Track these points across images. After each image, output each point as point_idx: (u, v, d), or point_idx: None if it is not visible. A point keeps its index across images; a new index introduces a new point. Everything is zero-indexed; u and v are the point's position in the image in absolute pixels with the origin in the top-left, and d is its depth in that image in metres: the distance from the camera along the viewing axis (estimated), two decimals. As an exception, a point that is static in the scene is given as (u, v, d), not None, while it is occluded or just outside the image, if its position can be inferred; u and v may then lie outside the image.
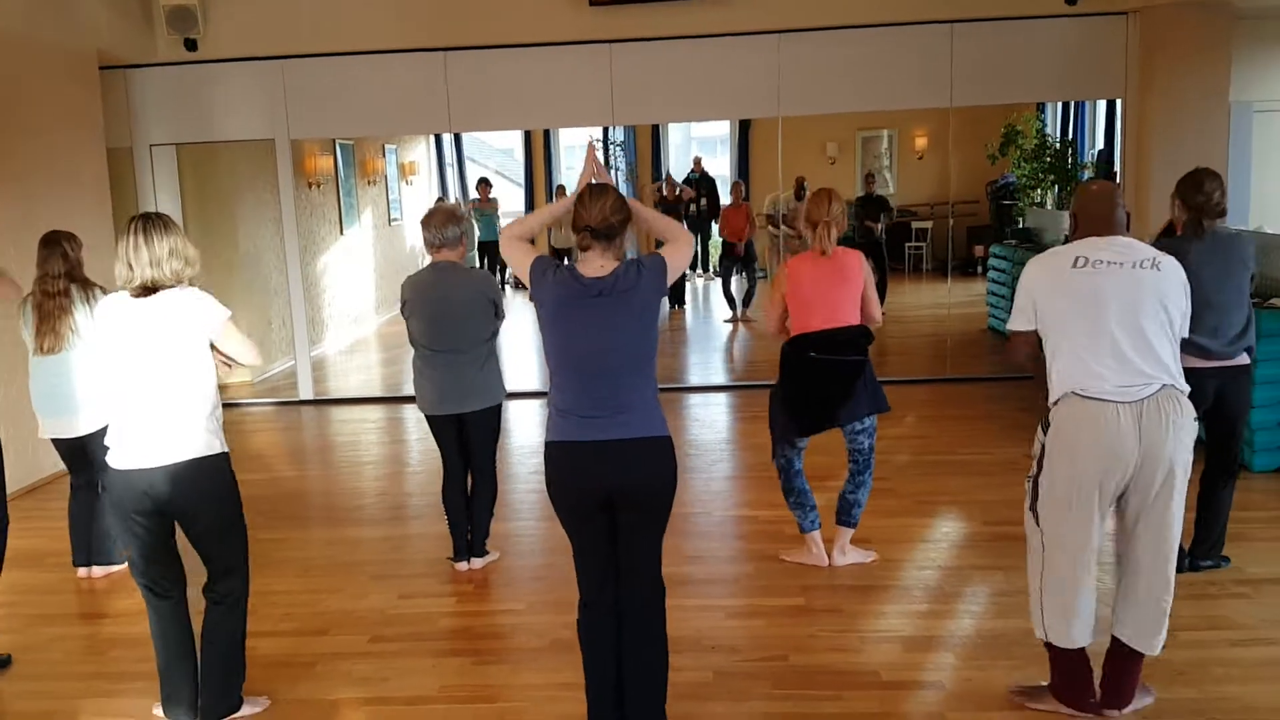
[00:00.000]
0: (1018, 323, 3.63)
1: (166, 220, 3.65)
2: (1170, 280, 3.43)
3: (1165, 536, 3.45)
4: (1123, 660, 3.57)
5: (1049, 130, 11.78)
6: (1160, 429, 3.33)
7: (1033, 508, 3.57)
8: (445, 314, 4.99)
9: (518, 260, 3.40)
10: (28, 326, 5.03)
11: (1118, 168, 9.14)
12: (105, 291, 4.58)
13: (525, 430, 8.32)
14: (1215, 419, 4.75)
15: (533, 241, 3.56)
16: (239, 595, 3.80)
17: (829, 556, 5.07)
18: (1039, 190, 11.73)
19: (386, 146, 13.59)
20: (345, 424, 8.84)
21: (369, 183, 13.17)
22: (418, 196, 14.31)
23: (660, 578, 3.48)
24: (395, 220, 14.09)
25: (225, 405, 9.48)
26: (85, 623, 4.89)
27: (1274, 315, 6.17)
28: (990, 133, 11.34)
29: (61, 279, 5.02)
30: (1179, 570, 4.30)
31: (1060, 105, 11.64)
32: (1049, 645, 3.61)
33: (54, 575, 5.46)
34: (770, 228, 11.88)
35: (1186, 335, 3.50)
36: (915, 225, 12.49)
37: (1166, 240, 4.72)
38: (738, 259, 12.01)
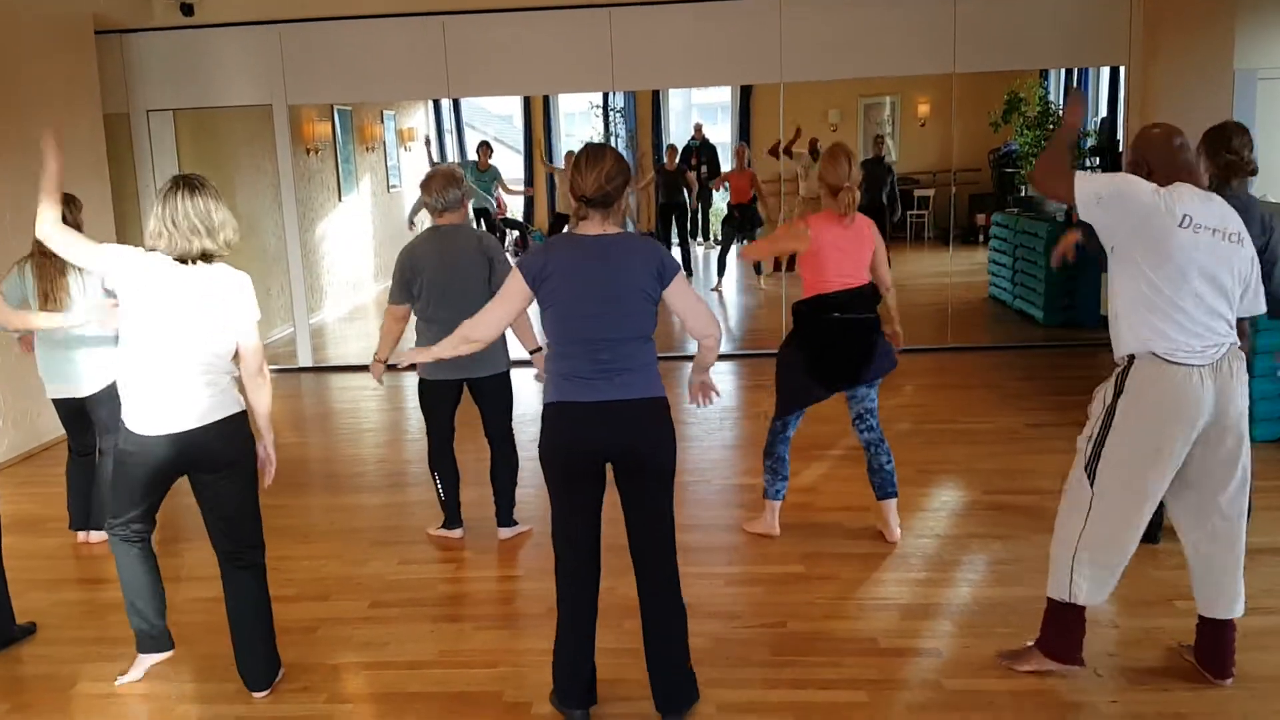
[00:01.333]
0: (1094, 214, 3.41)
1: (211, 186, 3.60)
2: (1248, 252, 3.40)
3: (1238, 498, 3.52)
4: (1223, 631, 3.62)
5: (1052, 98, 11.70)
6: (1230, 387, 3.37)
7: (1089, 468, 3.51)
8: (455, 277, 4.93)
9: (506, 309, 3.37)
10: (25, 286, 4.98)
11: (1120, 135, 9.08)
12: None
13: (524, 398, 8.31)
14: None
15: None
16: (262, 557, 3.89)
17: (890, 533, 5.01)
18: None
19: (385, 112, 13.51)
20: (344, 391, 8.84)
21: (367, 149, 13.10)
22: (416, 163, 14.23)
23: (675, 555, 3.48)
24: (394, 187, 14.02)
25: (224, 372, 9.52)
26: (85, 588, 4.90)
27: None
28: (993, 100, 11.27)
29: None
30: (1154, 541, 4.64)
31: (1063, 72, 11.55)
32: (1056, 603, 3.60)
33: (52, 540, 5.47)
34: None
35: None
36: (917, 193, 12.44)
37: None
38: (740, 224, 11.95)
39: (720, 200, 12.70)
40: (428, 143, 13.28)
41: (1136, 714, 3.46)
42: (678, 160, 12.82)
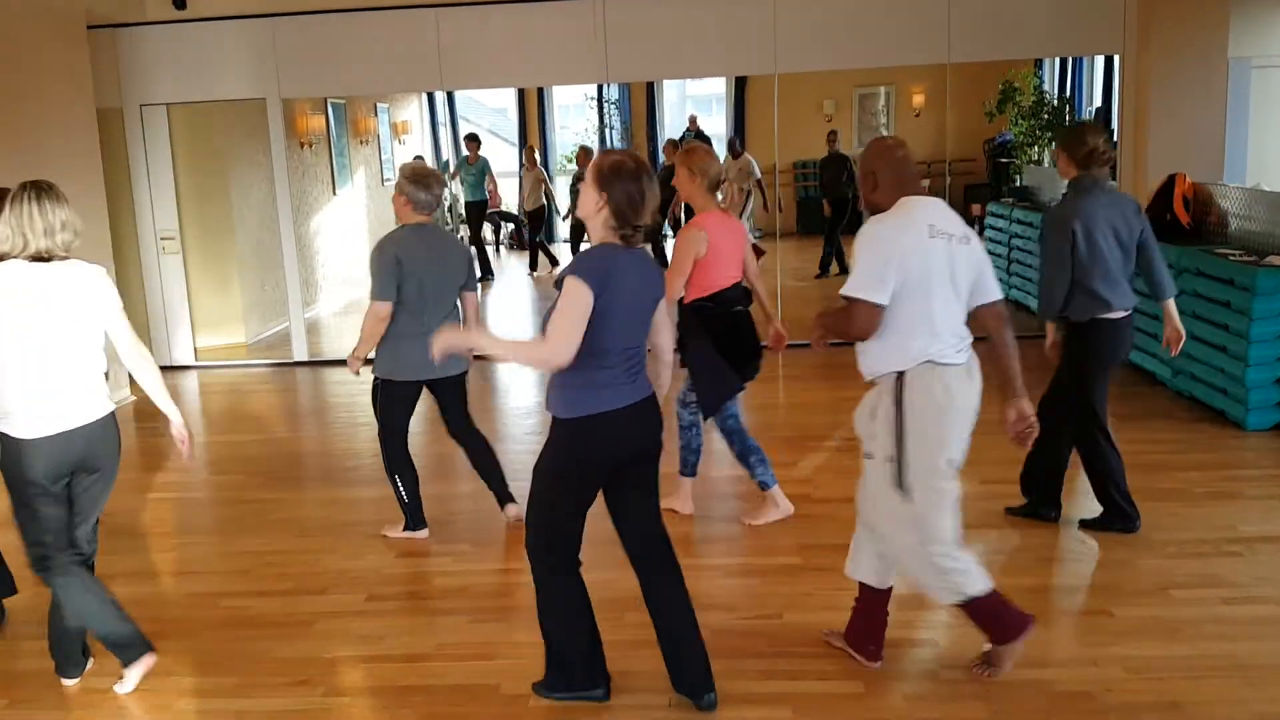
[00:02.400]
0: (875, 293, 3.42)
1: (58, 190, 3.63)
2: (977, 253, 3.59)
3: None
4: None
5: (1046, 87, 11.71)
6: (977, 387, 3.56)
7: (901, 484, 3.51)
8: (446, 279, 4.94)
9: (573, 320, 3.20)
10: None
11: (1115, 124, 9.08)
12: None
13: (520, 392, 8.32)
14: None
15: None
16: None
17: (681, 508, 5.24)
18: (1036, 148, 11.67)
19: (379, 105, 13.50)
20: (340, 385, 8.82)
21: (361, 142, 13.09)
22: (410, 156, 14.22)
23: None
24: (388, 180, 14.01)
25: (220, 367, 9.51)
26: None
27: (1272, 273, 6.15)
28: (988, 90, 11.27)
29: None
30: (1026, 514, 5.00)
31: (1058, 61, 11.56)
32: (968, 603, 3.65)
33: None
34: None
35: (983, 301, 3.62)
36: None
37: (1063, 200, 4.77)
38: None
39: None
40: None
41: (1132, 703, 3.47)
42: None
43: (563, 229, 14.44)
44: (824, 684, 3.67)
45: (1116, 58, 9.02)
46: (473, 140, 13.12)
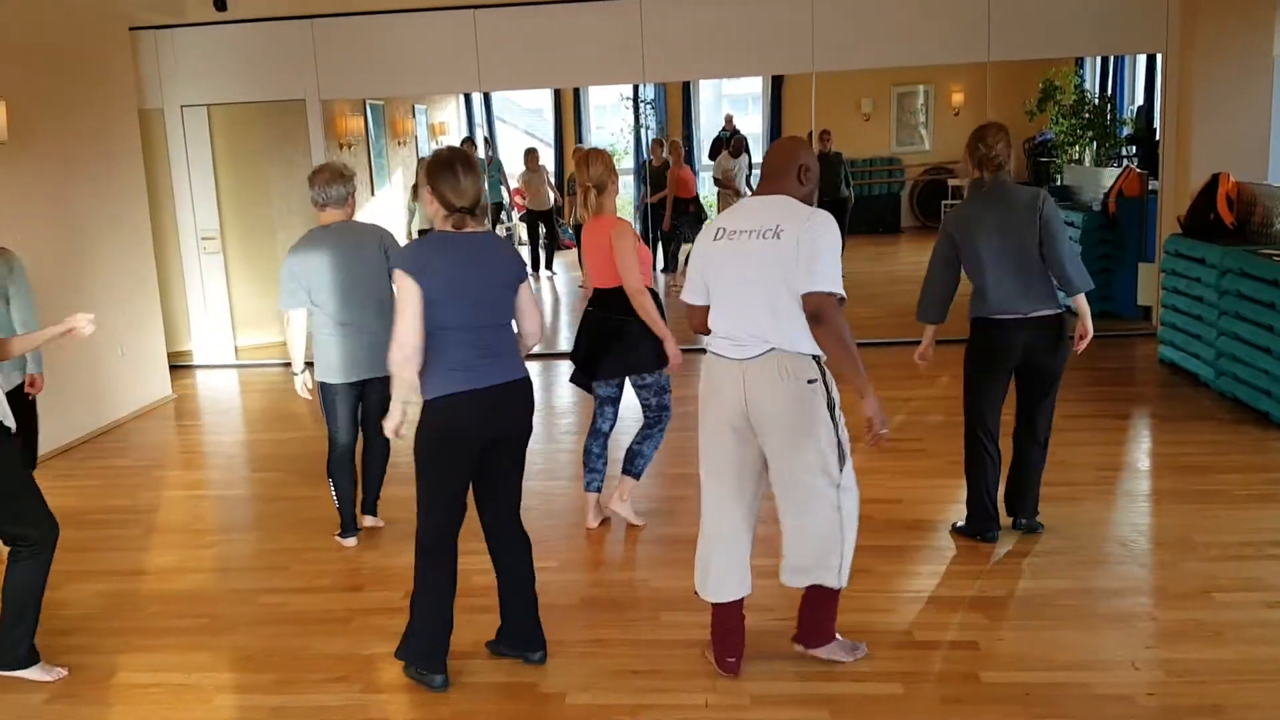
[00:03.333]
0: (691, 297, 3.70)
1: None
2: (785, 248, 3.42)
3: (797, 486, 3.61)
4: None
5: (1088, 86, 11.58)
6: (762, 388, 3.48)
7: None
8: (359, 277, 4.92)
9: (403, 310, 3.50)
10: None
11: (1157, 124, 8.97)
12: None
13: (559, 391, 8.34)
14: (1026, 373, 4.76)
15: None
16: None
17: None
18: (1077, 147, 11.55)
19: (416, 107, 13.55)
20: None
21: (399, 143, 13.15)
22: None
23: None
24: (426, 181, 14.08)
25: (260, 366, 9.59)
26: (123, 579, 4.95)
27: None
28: (1028, 89, 11.16)
29: None
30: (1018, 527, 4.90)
31: (1099, 60, 11.42)
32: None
33: (91, 533, 5.54)
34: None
35: (807, 284, 3.41)
36: (952, 183, 12.35)
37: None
38: (689, 220, 11.94)
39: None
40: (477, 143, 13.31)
41: (1173, 706, 3.43)
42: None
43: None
44: (861, 685, 3.65)
45: (1159, 56, 8.91)
46: (485, 141, 13.11)
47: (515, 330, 3.75)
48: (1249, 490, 5.35)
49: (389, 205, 12.84)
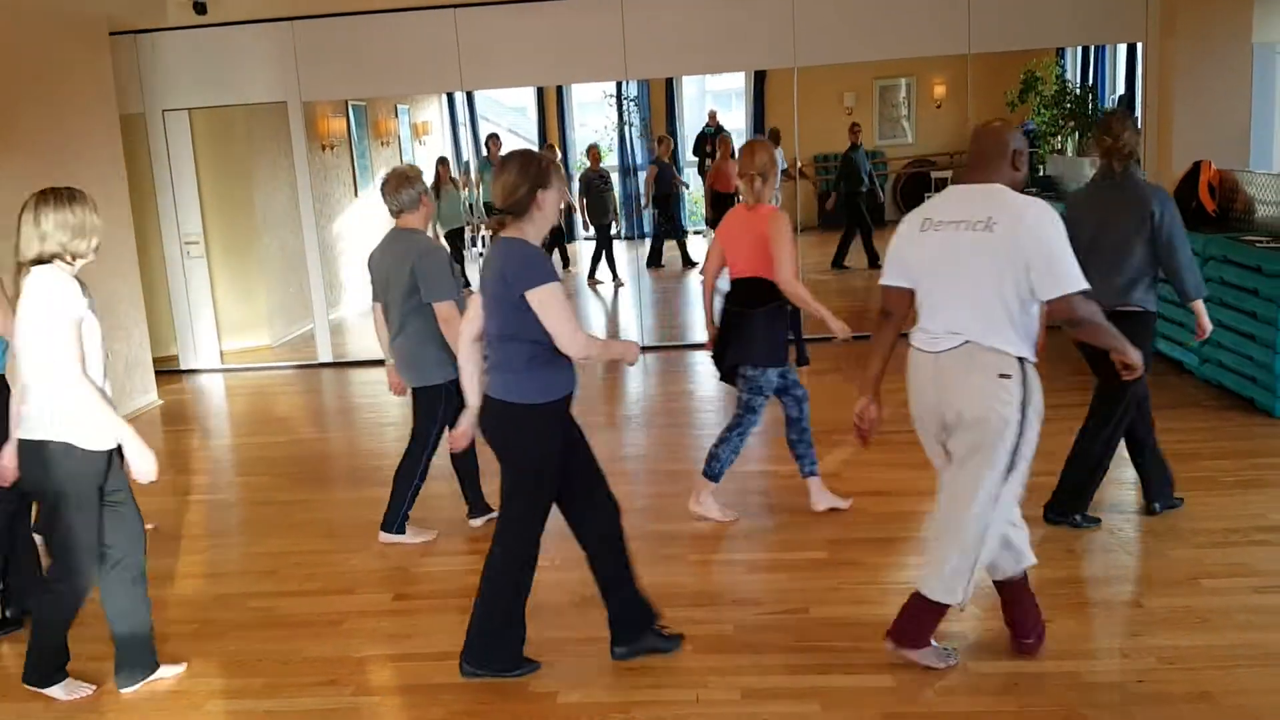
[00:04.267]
0: (891, 277, 3.65)
1: (63, 194, 3.54)
2: (998, 239, 3.33)
3: (954, 484, 3.51)
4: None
5: (1069, 76, 11.62)
6: (950, 381, 3.40)
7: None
8: (391, 286, 4.96)
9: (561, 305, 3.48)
10: None
11: (1139, 112, 9.01)
12: None
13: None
14: (1104, 364, 4.54)
15: None
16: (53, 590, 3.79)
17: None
18: (1059, 137, 11.60)
19: (399, 107, 13.53)
20: (365, 386, 8.87)
21: (382, 144, 13.13)
22: (431, 156, 14.26)
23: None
24: (410, 181, 14.04)
25: (246, 369, 9.57)
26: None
27: (1296, 260, 6.09)
28: (1009, 80, 11.20)
29: None
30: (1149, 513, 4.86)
31: (1080, 50, 11.47)
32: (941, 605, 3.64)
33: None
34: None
35: (1053, 289, 3.31)
36: (935, 175, 12.38)
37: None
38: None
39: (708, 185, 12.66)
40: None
41: (1163, 694, 3.45)
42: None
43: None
44: (851, 677, 3.66)
45: (1139, 45, 8.94)
46: (494, 140, 13.11)
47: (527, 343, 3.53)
48: (1235, 476, 5.38)
49: (373, 206, 12.80)
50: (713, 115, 13.60)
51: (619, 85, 12.44)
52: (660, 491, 5.66)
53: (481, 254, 12.42)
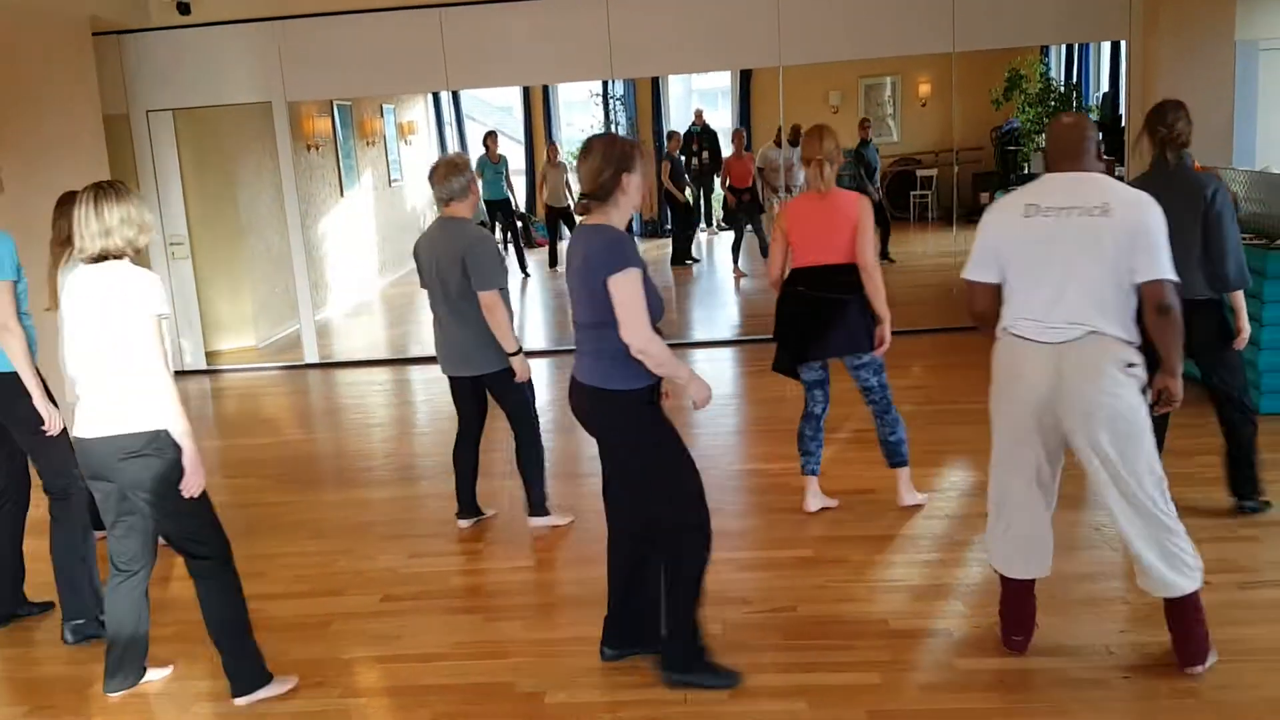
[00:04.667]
0: (982, 272, 3.58)
1: (120, 188, 3.54)
2: (1114, 224, 3.33)
3: (1115, 479, 3.43)
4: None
5: (1053, 74, 11.67)
6: (1079, 372, 3.34)
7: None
8: (439, 274, 4.93)
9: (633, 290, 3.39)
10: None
11: (1123, 110, 9.05)
12: None
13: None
14: (1193, 354, 4.57)
15: None
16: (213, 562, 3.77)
17: (899, 498, 5.16)
18: (1043, 135, 11.63)
19: (384, 106, 13.51)
20: (351, 386, 8.85)
21: (368, 144, 13.10)
22: (417, 156, 14.23)
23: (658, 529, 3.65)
24: (396, 181, 14.03)
25: (232, 370, 9.54)
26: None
27: (1281, 256, 6.11)
28: (994, 78, 11.24)
29: (65, 243, 4.87)
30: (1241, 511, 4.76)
31: (1064, 48, 11.52)
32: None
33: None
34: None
35: (1149, 272, 3.33)
36: (920, 173, 12.40)
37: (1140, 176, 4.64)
38: (746, 209, 11.87)
39: (722, 185, 12.60)
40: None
41: (1149, 690, 3.47)
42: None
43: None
44: (839, 675, 3.67)
45: (1123, 43, 8.99)
46: (492, 137, 13.05)
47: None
48: (1219, 473, 5.39)
49: (359, 206, 12.78)
50: (699, 114, 13.60)
51: (605, 84, 12.42)
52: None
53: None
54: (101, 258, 3.49)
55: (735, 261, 12.20)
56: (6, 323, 4.06)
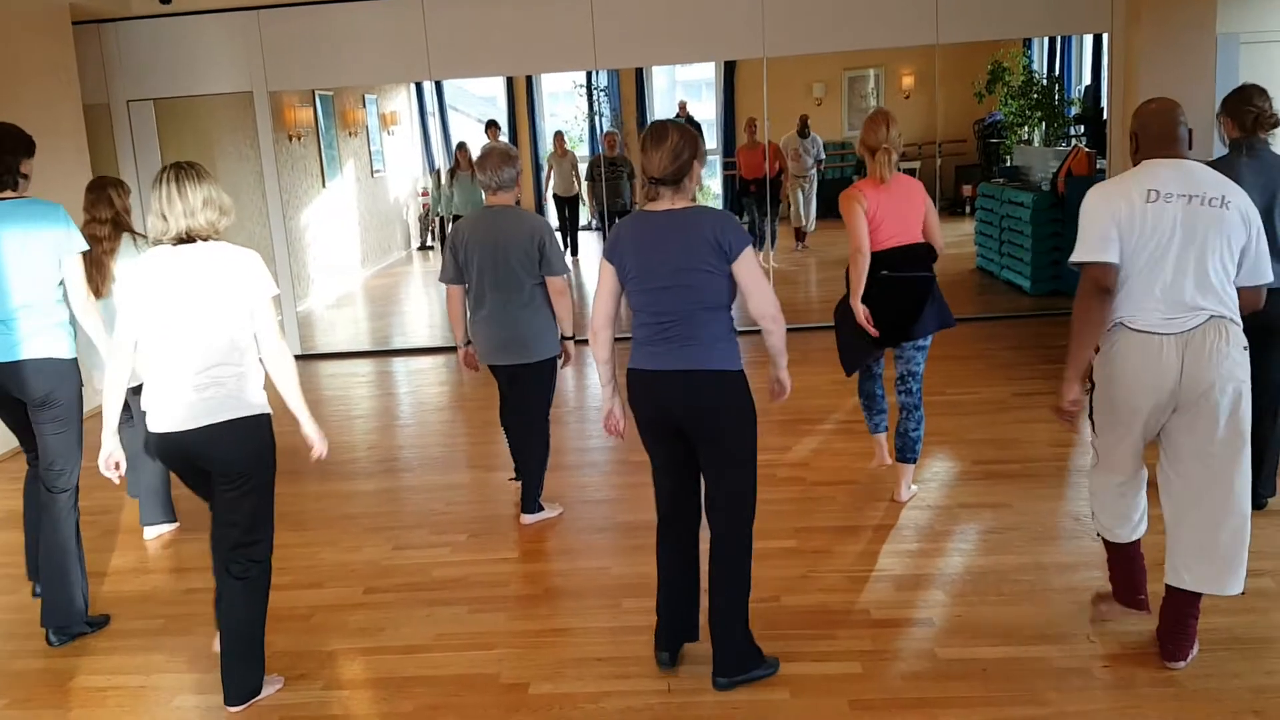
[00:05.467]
0: (1107, 253, 3.40)
1: (200, 169, 3.51)
2: (1234, 216, 3.35)
3: (1212, 463, 3.41)
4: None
5: (1035, 66, 11.69)
6: (1204, 356, 3.32)
7: (1091, 417, 3.74)
8: (501, 260, 4.87)
9: (599, 287, 3.54)
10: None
11: (1104, 103, 9.08)
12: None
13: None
14: (1258, 337, 4.11)
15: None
16: (260, 573, 3.71)
17: (897, 492, 5.17)
18: (1026, 127, 11.67)
19: (366, 97, 13.45)
20: (334, 378, 8.82)
21: (350, 134, 13.05)
22: (399, 147, 14.18)
23: (738, 510, 3.58)
24: (378, 172, 13.97)
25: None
26: (80, 581, 4.88)
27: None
28: (977, 70, 11.26)
29: (108, 225, 4.98)
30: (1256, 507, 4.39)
31: (1046, 41, 11.55)
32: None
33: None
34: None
35: (1260, 276, 3.41)
36: (903, 165, 12.38)
37: (1218, 160, 4.52)
38: (754, 200, 11.77)
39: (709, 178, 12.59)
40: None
41: (1129, 678, 3.49)
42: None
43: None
44: (820, 665, 3.68)
45: (1105, 36, 9.01)
46: (493, 127, 12.94)
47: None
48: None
49: (341, 197, 12.74)
50: (683, 106, 13.58)
51: (589, 75, 12.39)
52: (629, 482, 5.66)
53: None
54: (187, 239, 3.42)
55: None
56: (91, 297, 4.15)
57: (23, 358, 4.09)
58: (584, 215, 13.65)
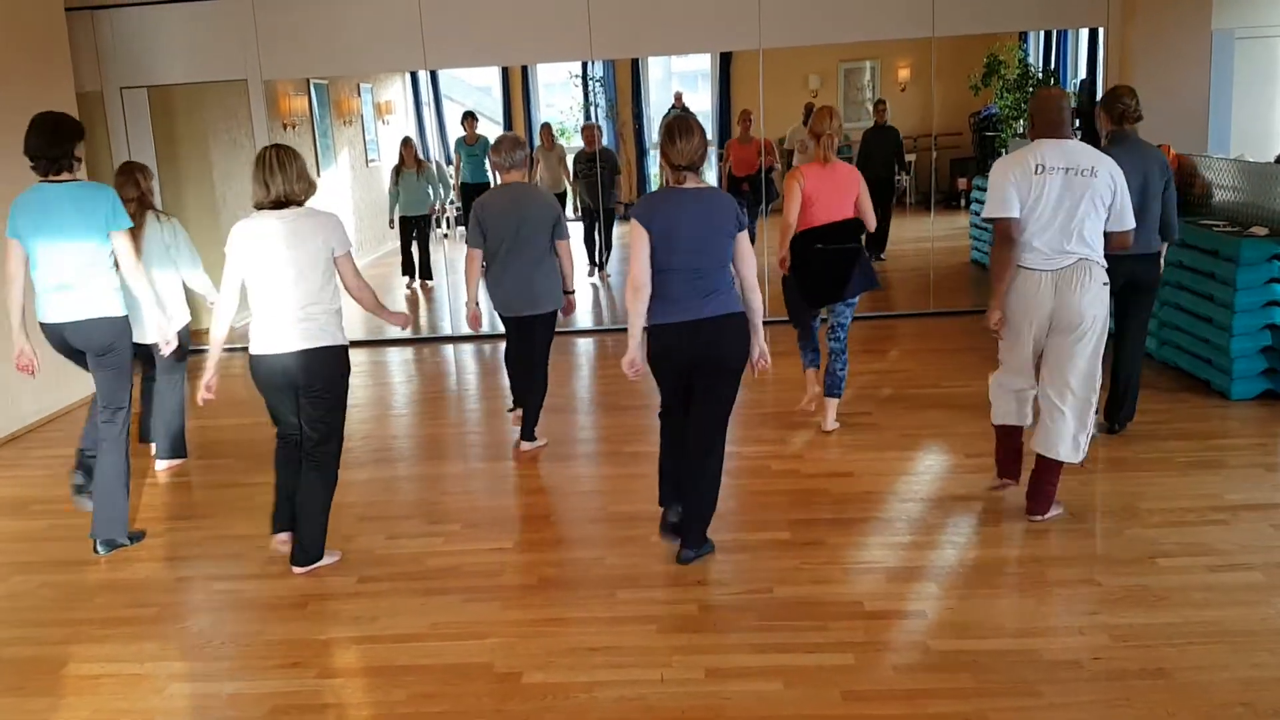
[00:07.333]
0: (1010, 209, 4.49)
1: (293, 150, 4.45)
2: (1101, 182, 4.43)
3: (1071, 367, 4.52)
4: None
5: (1031, 60, 11.68)
6: (1071, 288, 4.43)
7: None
8: (525, 227, 5.65)
9: (635, 251, 4.20)
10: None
11: (1099, 96, 9.07)
12: (170, 217, 6.19)
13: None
14: (1128, 293, 5.54)
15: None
16: (330, 462, 4.61)
17: (824, 423, 6.11)
18: (1022, 121, 11.66)
19: (362, 86, 13.40)
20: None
21: (345, 123, 13.00)
22: (394, 136, 14.12)
23: (724, 411, 4.43)
24: (373, 161, 13.92)
25: (205, 351, 9.46)
26: (70, 569, 4.87)
27: (1256, 243, 6.18)
28: (973, 63, 11.24)
29: (134, 203, 5.80)
30: (1109, 432, 5.81)
31: (1042, 34, 11.53)
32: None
33: (38, 522, 5.46)
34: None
35: (1125, 223, 4.54)
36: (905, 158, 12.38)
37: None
38: (746, 198, 11.67)
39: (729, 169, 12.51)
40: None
41: (1118, 670, 3.51)
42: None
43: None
44: (814, 656, 3.69)
45: (1101, 30, 9.01)
46: (470, 118, 12.93)
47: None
48: (1190, 457, 5.47)
49: (335, 187, 12.71)
50: (678, 97, 13.55)
51: (584, 65, 12.36)
52: (621, 473, 5.67)
53: (446, 235, 12.36)
54: (282, 204, 4.32)
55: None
56: (140, 264, 5.03)
57: (87, 317, 4.89)
58: (568, 210, 13.57)
